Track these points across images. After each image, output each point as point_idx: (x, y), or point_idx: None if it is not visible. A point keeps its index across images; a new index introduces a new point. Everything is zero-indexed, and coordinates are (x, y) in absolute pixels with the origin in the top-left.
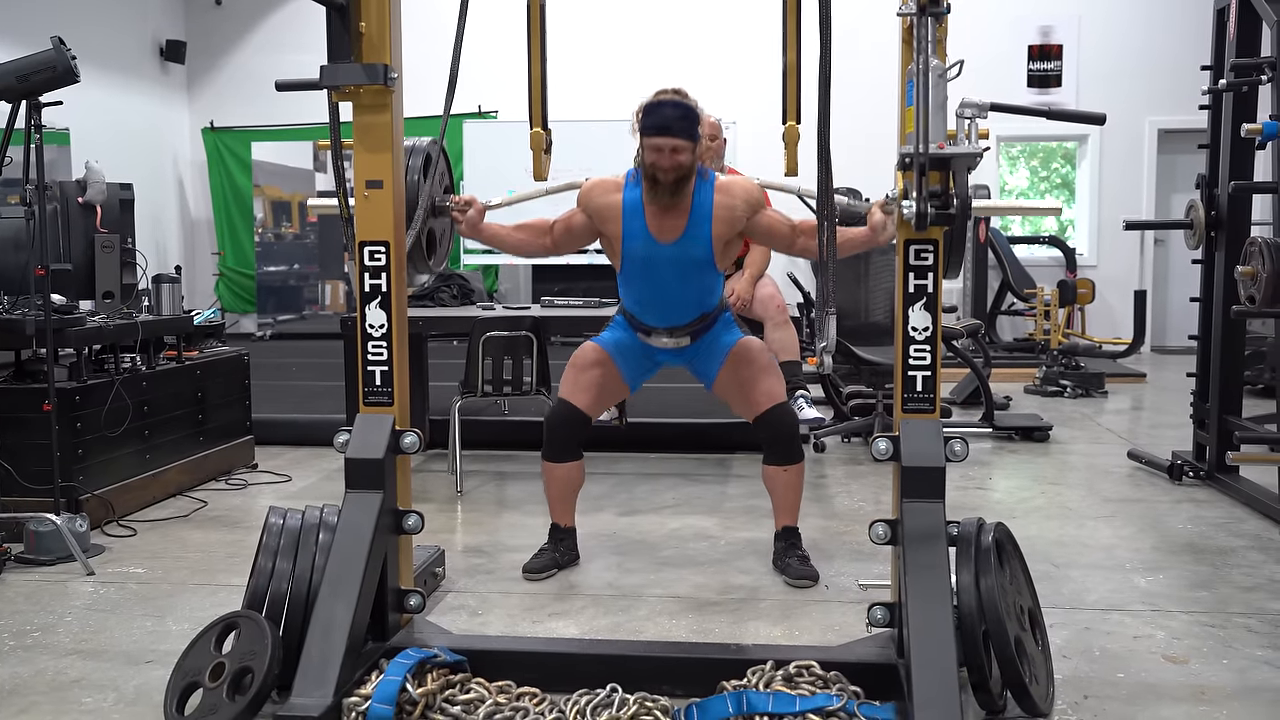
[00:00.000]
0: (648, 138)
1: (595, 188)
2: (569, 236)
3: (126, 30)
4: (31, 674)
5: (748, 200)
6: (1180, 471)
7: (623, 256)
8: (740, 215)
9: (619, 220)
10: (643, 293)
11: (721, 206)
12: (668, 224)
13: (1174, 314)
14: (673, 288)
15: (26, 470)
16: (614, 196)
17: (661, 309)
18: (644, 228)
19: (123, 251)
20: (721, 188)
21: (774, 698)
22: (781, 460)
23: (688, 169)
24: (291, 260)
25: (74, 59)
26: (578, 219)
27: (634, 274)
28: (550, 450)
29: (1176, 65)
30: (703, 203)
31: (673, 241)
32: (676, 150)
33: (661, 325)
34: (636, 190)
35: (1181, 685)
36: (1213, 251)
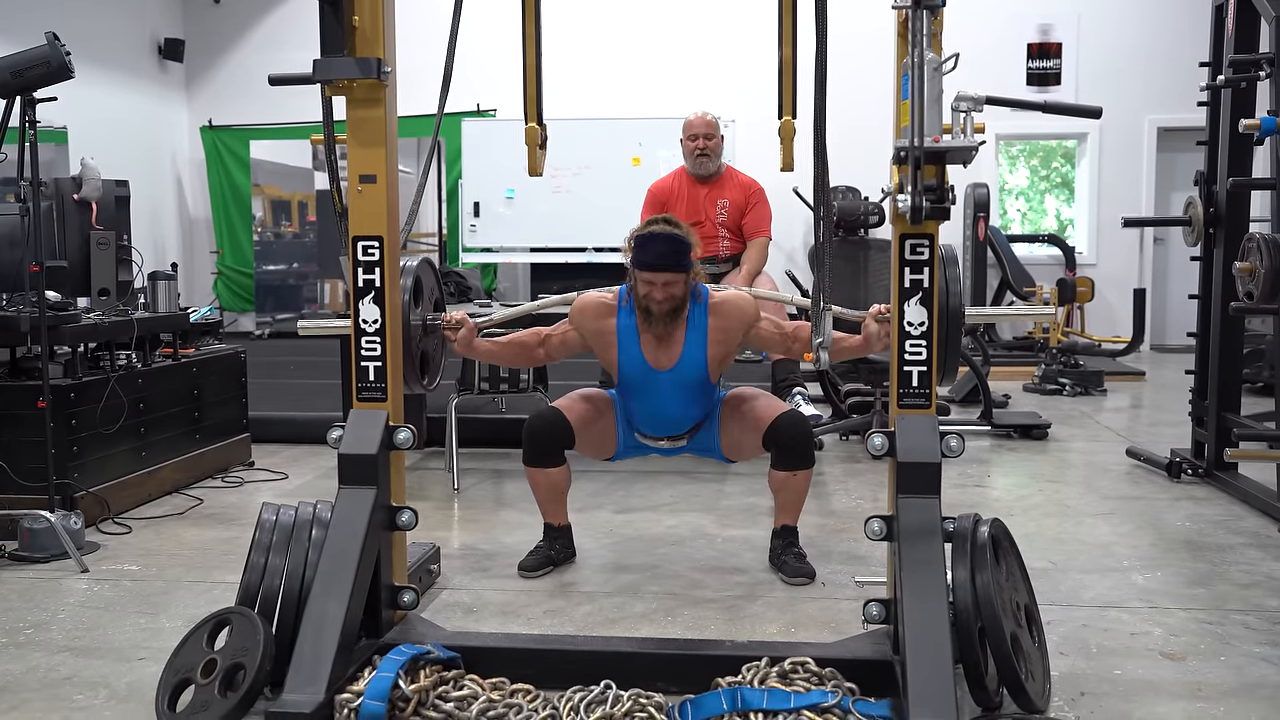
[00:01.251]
0: (640, 271)
1: (588, 310)
2: (563, 349)
3: (125, 28)
4: (24, 671)
5: (741, 319)
6: (1179, 469)
7: (619, 377)
8: (735, 335)
9: (614, 346)
10: (640, 410)
11: (716, 330)
12: (663, 351)
13: (1173, 312)
14: (670, 407)
15: (21, 467)
16: (608, 322)
17: (658, 423)
18: (640, 356)
19: (118, 248)
20: (715, 309)
21: (769, 694)
22: (793, 465)
23: (680, 300)
24: (290, 259)
25: (68, 54)
26: (571, 336)
27: (630, 393)
28: (529, 454)
29: (1176, 63)
30: (697, 326)
31: (669, 368)
32: (669, 284)
33: (659, 434)
34: (630, 317)
35: (1179, 682)
36: (1211, 248)
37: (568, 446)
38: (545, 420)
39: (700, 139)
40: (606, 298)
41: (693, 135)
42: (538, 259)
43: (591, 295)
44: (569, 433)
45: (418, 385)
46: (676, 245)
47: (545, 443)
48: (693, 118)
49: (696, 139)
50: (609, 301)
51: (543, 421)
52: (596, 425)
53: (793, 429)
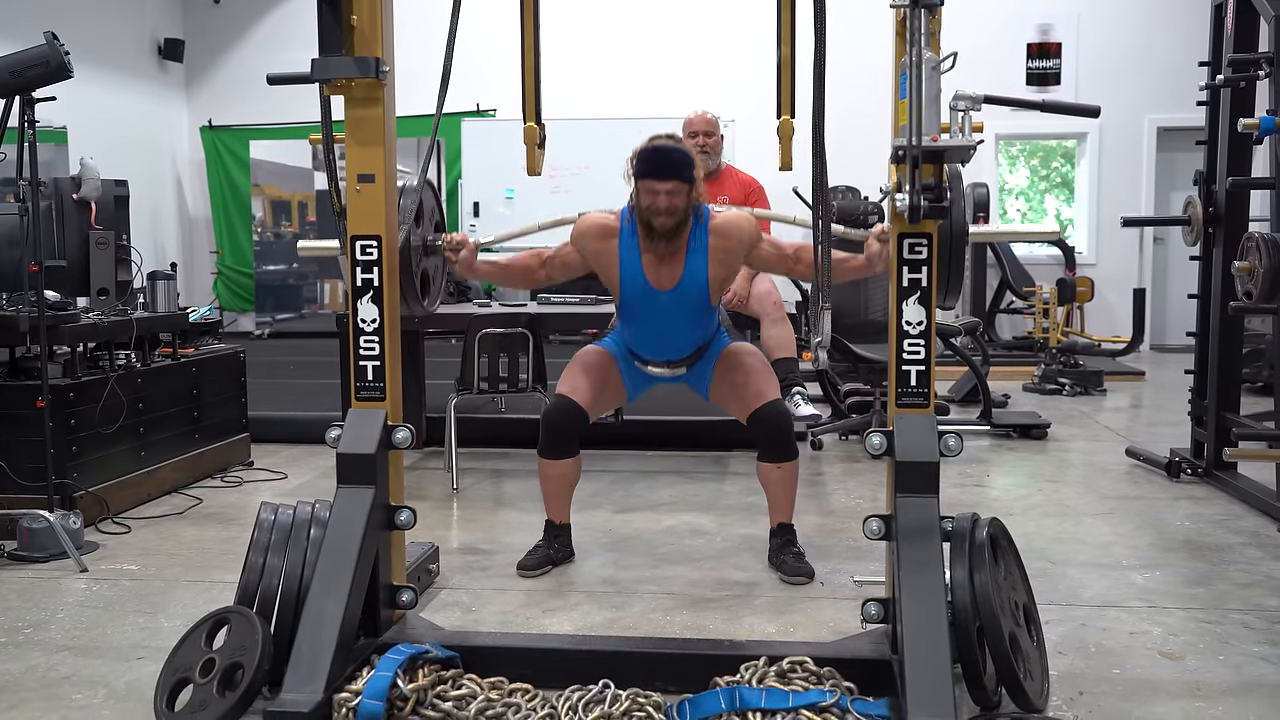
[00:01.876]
0: (642, 181)
1: (590, 230)
2: (564, 270)
3: (125, 28)
4: (22, 670)
5: (742, 239)
6: (1178, 469)
7: (620, 298)
8: (737, 255)
9: (616, 265)
10: (640, 332)
11: (718, 249)
12: (665, 271)
13: (1173, 312)
14: (670, 329)
15: (20, 467)
16: (609, 242)
17: (658, 346)
18: (641, 275)
19: (118, 248)
20: (716, 229)
21: (767, 693)
22: (775, 458)
23: (682, 213)
24: (290, 259)
25: (67, 54)
26: (573, 256)
27: (632, 315)
28: (546, 446)
29: (1175, 63)
30: (698, 246)
31: (670, 288)
32: (671, 193)
33: (658, 359)
34: (632, 237)
35: (1177, 681)
36: (1210, 248)
37: (583, 429)
38: (560, 411)
39: (700, 136)
40: (609, 218)
41: (692, 133)
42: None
43: (593, 215)
44: (583, 417)
45: (418, 306)
46: (679, 156)
47: (562, 433)
48: (692, 116)
49: (696, 136)
50: (611, 222)
51: (558, 413)
52: (605, 387)
53: (773, 421)
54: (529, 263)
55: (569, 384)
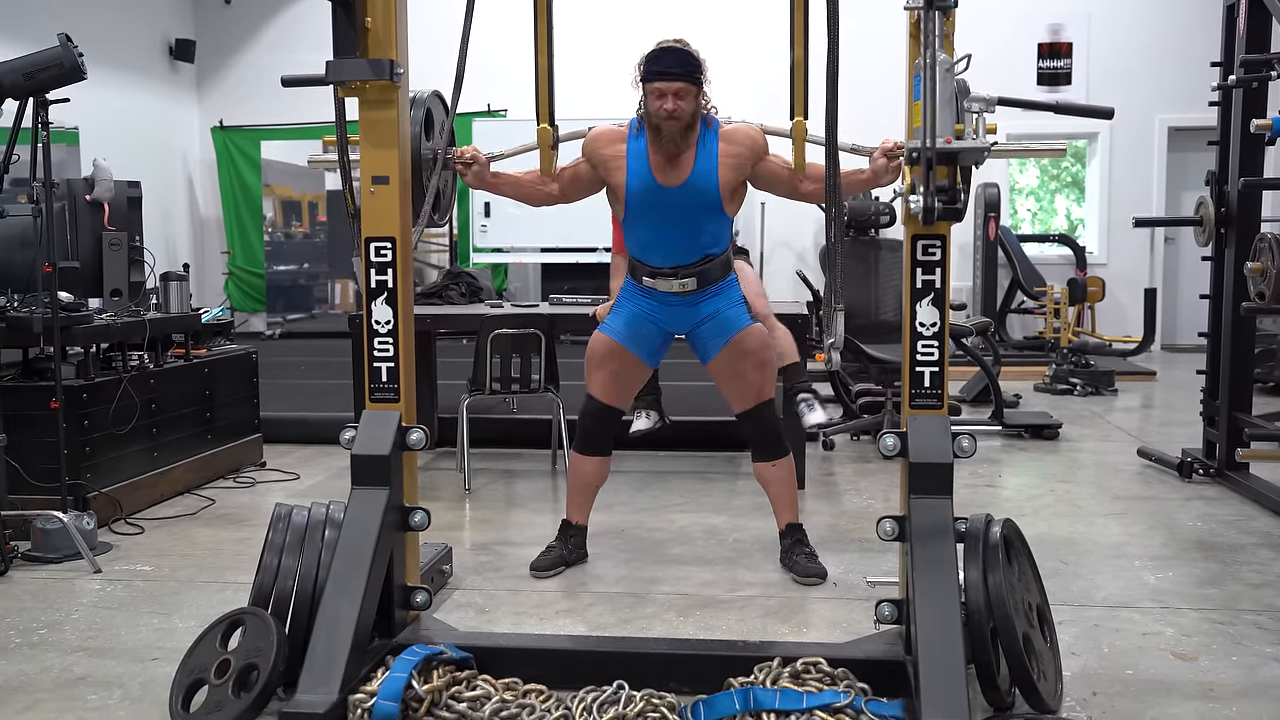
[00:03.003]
0: (649, 83)
1: (600, 137)
2: (575, 185)
3: (136, 29)
4: (38, 671)
5: (752, 147)
6: (1190, 469)
7: (626, 202)
8: (745, 161)
9: (623, 170)
10: (647, 234)
11: (727, 154)
12: (673, 170)
13: (1184, 311)
14: (678, 226)
15: (34, 468)
16: (618, 147)
17: (666, 249)
18: (649, 173)
19: (130, 249)
20: (726, 135)
21: (781, 694)
22: (766, 456)
23: (690, 115)
24: (301, 259)
25: (81, 56)
26: (583, 168)
27: (638, 216)
28: (582, 442)
29: (1186, 62)
30: (708, 150)
31: (679, 185)
32: (679, 94)
33: (666, 265)
34: (641, 140)
35: (1191, 682)
36: (1223, 248)
37: (618, 424)
38: (591, 413)
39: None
40: (619, 127)
41: None
42: (549, 259)
43: (604, 126)
44: (616, 414)
45: (430, 220)
46: (687, 57)
47: (600, 432)
48: None
49: None
50: (620, 130)
51: (593, 415)
52: (625, 374)
53: (759, 422)
54: (541, 176)
55: (594, 383)
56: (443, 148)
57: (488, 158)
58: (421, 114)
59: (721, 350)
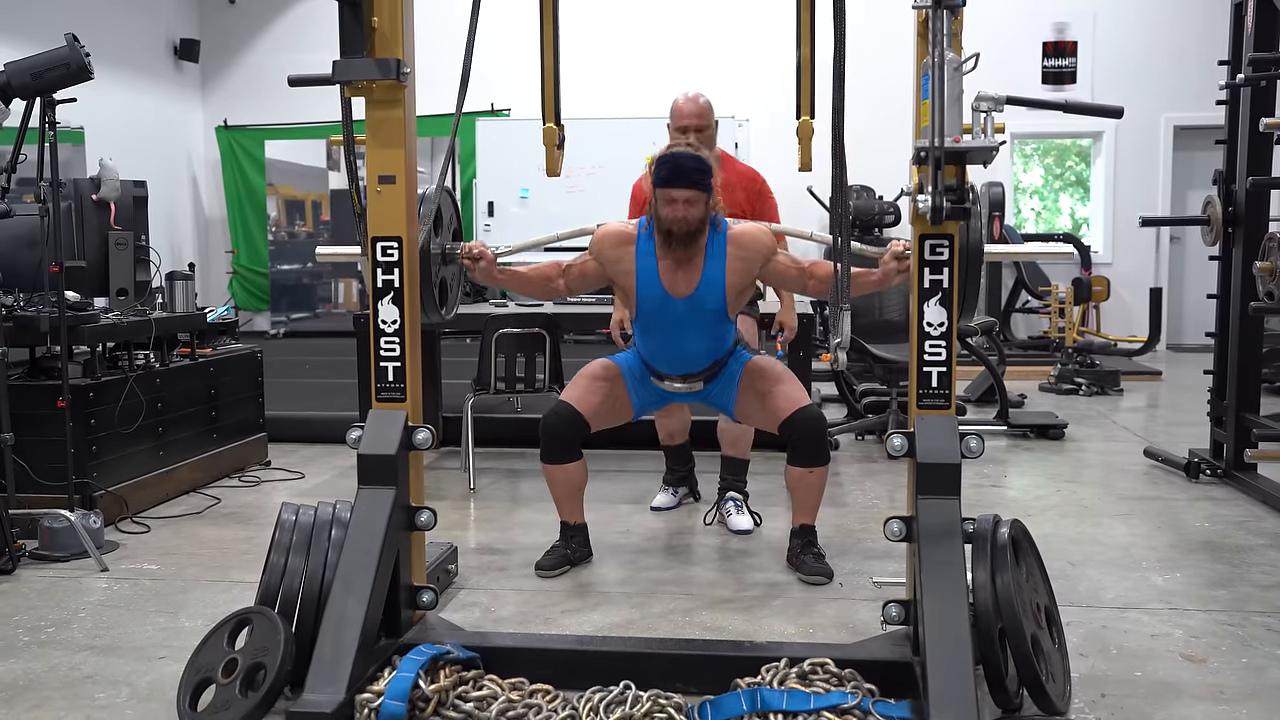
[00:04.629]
0: (661, 189)
1: (608, 238)
2: (582, 281)
3: (140, 29)
4: (45, 669)
5: (760, 250)
6: (1197, 469)
7: (637, 308)
8: (754, 265)
9: (633, 274)
10: (657, 343)
11: (735, 259)
12: (681, 277)
13: (1190, 311)
14: (687, 339)
15: (41, 467)
16: (627, 249)
17: (675, 359)
18: (658, 281)
19: (136, 249)
20: (734, 239)
21: (788, 695)
22: (807, 462)
23: (700, 221)
24: (305, 259)
25: (88, 56)
26: (591, 266)
27: (648, 325)
28: (547, 452)
29: (1192, 61)
30: (716, 254)
31: (687, 295)
32: (690, 202)
33: (675, 373)
34: (650, 243)
35: (1200, 684)
36: (1230, 248)
37: (584, 436)
38: (559, 416)
39: (692, 133)
40: (627, 227)
41: (682, 128)
42: (552, 258)
43: (612, 224)
44: (584, 424)
45: (436, 314)
46: (698, 164)
47: (562, 439)
48: (681, 101)
49: (687, 132)
50: (629, 230)
51: (557, 418)
52: (609, 400)
53: (804, 427)
54: (548, 272)
55: (572, 391)
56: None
57: (494, 254)
58: (431, 210)
59: (738, 393)
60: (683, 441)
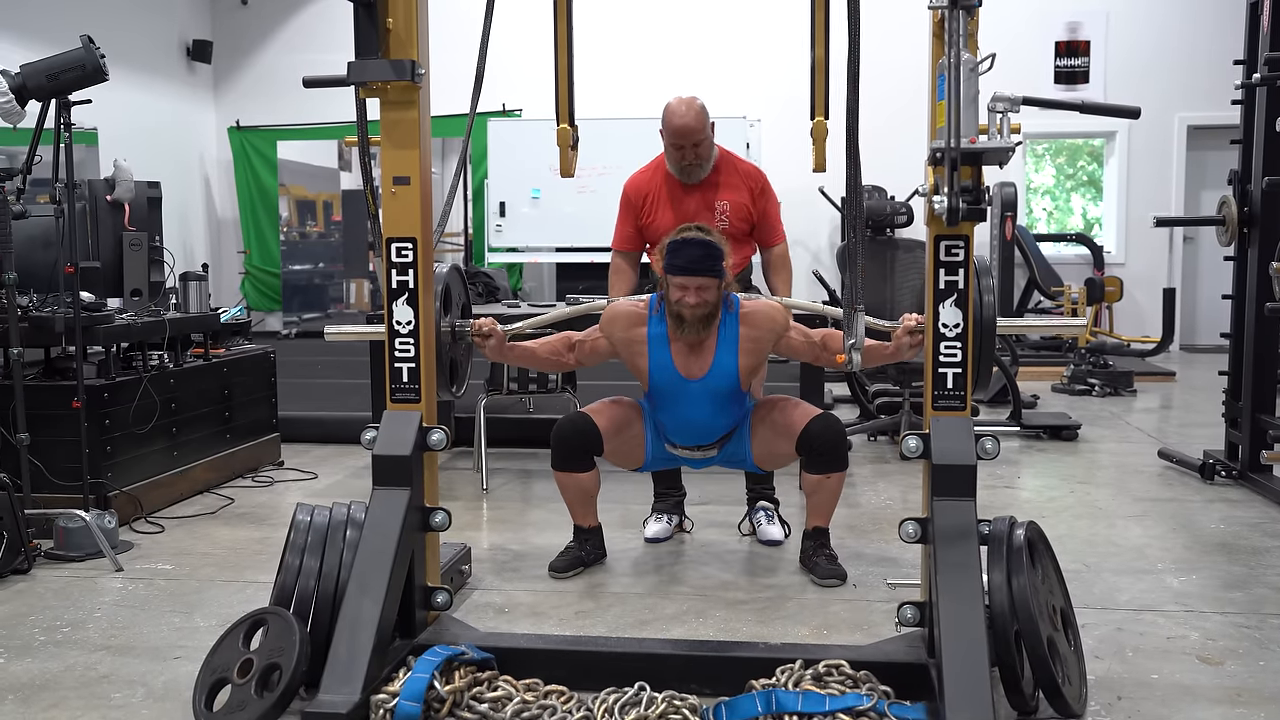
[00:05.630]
0: (673, 276)
1: (618, 319)
2: (592, 357)
3: (153, 30)
4: (61, 669)
5: (772, 328)
6: (1212, 471)
7: (650, 385)
8: (765, 345)
9: (645, 356)
10: (670, 419)
11: (747, 339)
12: (694, 361)
13: (1203, 312)
14: (700, 416)
15: (56, 467)
16: (638, 331)
17: (688, 433)
18: (670, 365)
19: (150, 249)
20: (746, 319)
21: (803, 697)
22: (826, 469)
23: (713, 306)
24: (316, 259)
25: (103, 57)
26: (602, 344)
27: (661, 402)
28: (557, 459)
29: (1206, 60)
30: (728, 336)
31: (700, 377)
32: (702, 289)
33: (688, 444)
34: (661, 325)
35: (1217, 687)
36: (1246, 248)
37: (596, 453)
38: (574, 426)
39: (688, 149)
40: (638, 307)
41: (678, 145)
42: (563, 259)
43: (623, 304)
44: (598, 439)
45: (446, 392)
46: (710, 250)
47: (574, 448)
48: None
49: (683, 149)
50: (640, 310)
51: (571, 427)
52: (626, 434)
53: (826, 433)
54: (558, 347)
55: (593, 407)
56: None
57: (504, 332)
58: (441, 289)
59: (752, 441)
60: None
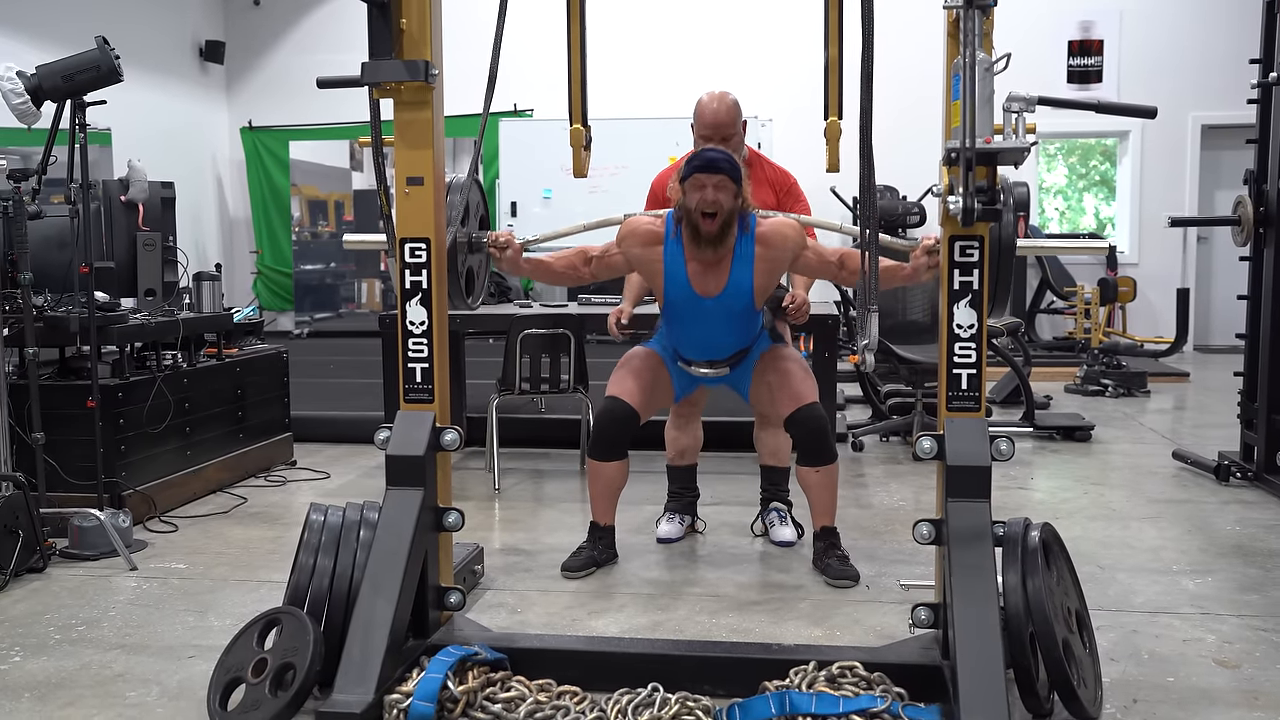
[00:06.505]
0: (691, 176)
1: (635, 234)
2: (608, 271)
3: (166, 31)
4: (77, 667)
5: (788, 247)
6: (1227, 472)
7: (665, 303)
8: (782, 264)
9: (660, 274)
10: (684, 335)
11: (762, 259)
12: (710, 278)
13: (1217, 312)
14: (715, 333)
15: (71, 466)
16: (655, 249)
17: (702, 348)
18: (686, 283)
19: (164, 249)
20: (762, 238)
21: (817, 698)
22: (813, 461)
23: (728, 213)
24: (328, 259)
25: (118, 59)
26: (618, 258)
27: (676, 319)
28: (598, 448)
29: (1220, 59)
30: (744, 254)
31: (715, 295)
32: (718, 186)
33: (701, 359)
34: (677, 244)
35: (1234, 690)
36: (1262, 248)
37: (636, 430)
38: (612, 414)
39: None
40: (655, 224)
41: (706, 137)
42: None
43: (640, 219)
44: (635, 418)
45: (462, 303)
46: (728, 157)
47: (615, 435)
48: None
49: (711, 141)
50: (657, 229)
51: (610, 416)
52: (655, 386)
53: (806, 425)
54: (574, 261)
55: (619, 386)
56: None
57: (521, 243)
58: (460, 200)
59: (752, 375)
60: (691, 463)
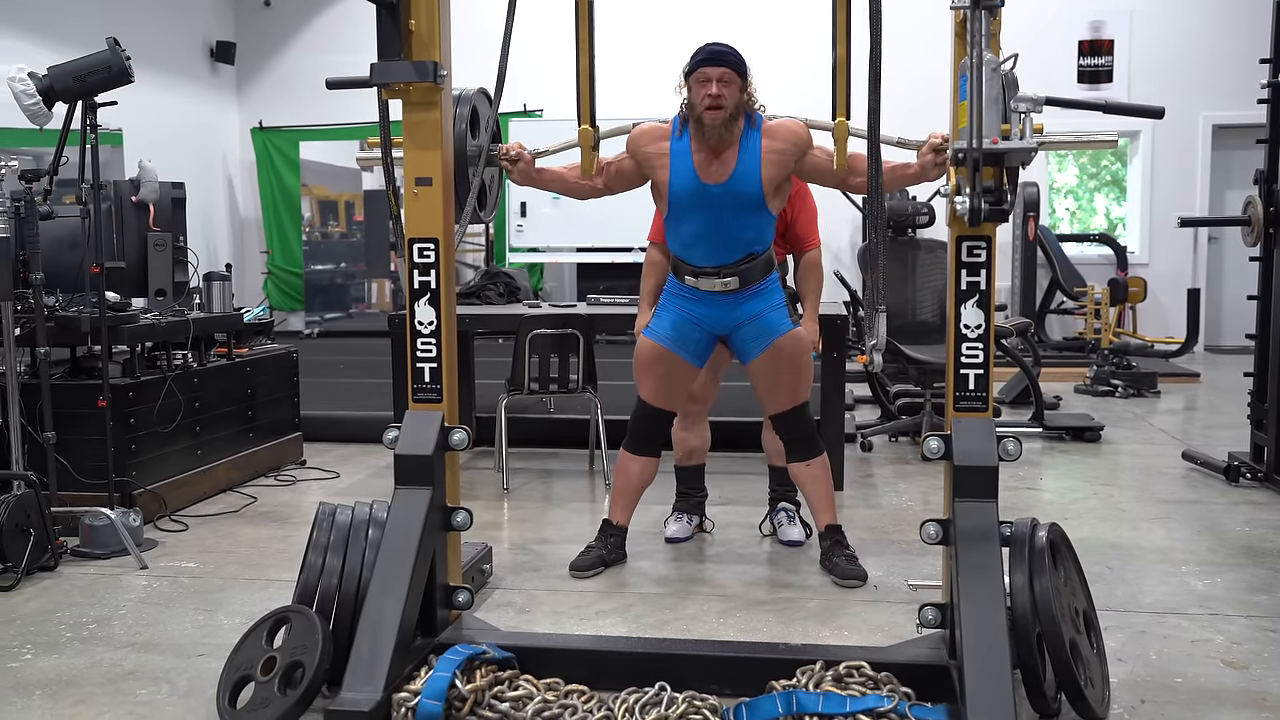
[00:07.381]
0: (695, 71)
1: (643, 134)
2: (619, 179)
3: (177, 32)
4: (88, 665)
5: (795, 141)
6: (1237, 473)
7: (670, 199)
8: (789, 157)
9: (667, 168)
10: (690, 231)
11: (770, 151)
12: (716, 167)
13: (1228, 313)
14: (721, 224)
15: (82, 465)
16: (661, 145)
17: (708, 247)
18: (691, 170)
19: (175, 250)
20: (769, 132)
21: (824, 698)
22: (800, 456)
23: (733, 106)
24: (338, 259)
25: (129, 59)
26: (627, 164)
27: (682, 214)
28: (634, 442)
29: (1231, 59)
30: (751, 147)
31: (722, 182)
32: (722, 79)
33: (708, 264)
34: (684, 141)
35: (1242, 691)
36: (1272, 248)
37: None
38: (644, 415)
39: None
40: (662, 125)
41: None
42: (584, 259)
43: (648, 123)
44: (668, 417)
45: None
46: (732, 50)
47: (650, 431)
48: None
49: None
50: (664, 128)
51: (643, 415)
52: (674, 378)
53: (793, 425)
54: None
55: (644, 388)
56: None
57: (532, 154)
58: (467, 111)
59: (762, 353)
60: (700, 463)
